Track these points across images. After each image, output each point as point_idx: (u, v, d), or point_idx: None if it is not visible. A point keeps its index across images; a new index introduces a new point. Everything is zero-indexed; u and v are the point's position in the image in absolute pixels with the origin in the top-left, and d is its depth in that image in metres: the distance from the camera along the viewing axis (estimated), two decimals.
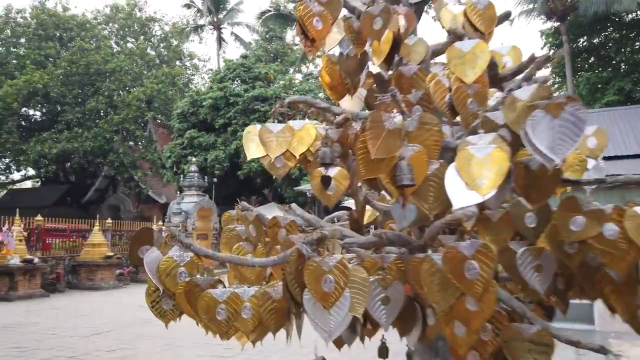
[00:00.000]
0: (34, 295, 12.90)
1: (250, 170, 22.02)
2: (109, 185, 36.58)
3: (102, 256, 15.30)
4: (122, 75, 34.09)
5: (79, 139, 31.18)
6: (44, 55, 33.61)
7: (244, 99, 22.67)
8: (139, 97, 31.91)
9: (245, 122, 22.62)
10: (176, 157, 23.45)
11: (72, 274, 15.37)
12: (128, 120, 32.09)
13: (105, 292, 14.46)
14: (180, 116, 24.41)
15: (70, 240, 16.31)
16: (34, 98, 31.29)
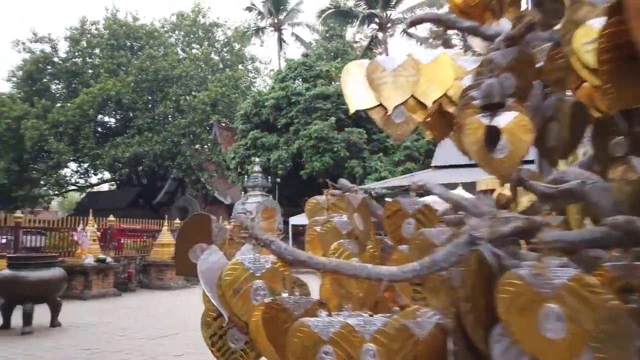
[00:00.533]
0: (107, 294, 13.08)
1: (313, 169, 21.60)
2: (177, 188, 37.67)
3: (171, 256, 15.36)
4: (188, 80, 34.95)
5: (149, 143, 32.23)
6: (117, 64, 35.09)
7: (305, 97, 22.29)
8: (204, 100, 32.54)
9: (307, 121, 22.25)
10: (240, 158, 23.49)
11: (142, 274, 15.56)
12: (194, 124, 32.82)
13: (174, 292, 14.48)
14: (244, 117, 24.45)
15: (141, 240, 16.58)
16: (107, 105, 32.71)
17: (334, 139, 21.43)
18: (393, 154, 22.16)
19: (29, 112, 32.07)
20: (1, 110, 31.44)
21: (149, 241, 16.32)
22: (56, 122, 31.62)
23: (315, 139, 21.35)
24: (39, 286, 8.26)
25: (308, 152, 21.68)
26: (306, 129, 21.79)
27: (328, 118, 21.76)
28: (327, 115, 22.05)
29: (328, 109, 22.06)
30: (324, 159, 21.35)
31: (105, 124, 37.40)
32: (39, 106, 32.43)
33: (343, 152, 21.33)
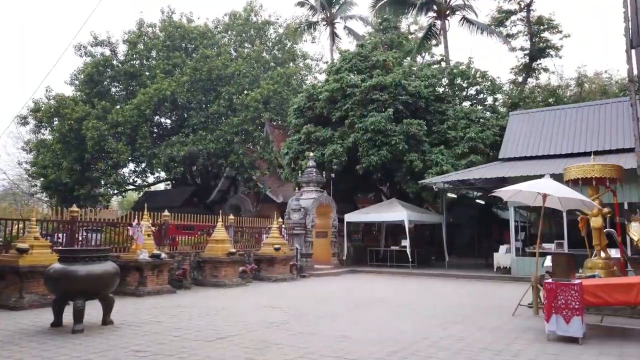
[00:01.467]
0: (162, 291, 12.54)
1: (369, 164, 20.48)
2: (230, 186, 37.56)
3: (225, 252, 14.73)
4: (241, 79, 34.72)
5: (203, 142, 32.19)
6: (172, 65, 35.37)
7: (361, 89, 21.20)
8: (256, 98, 32.14)
9: (363, 113, 21.16)
10: (294, 153, 22.71)
11: (197, 270, 15.01)
12: (247, 122, 32.47)
13: (228, 290, 13.80)
14: (297, 111, 23.67)
15: (195, 236, 16.06)
16: (163, 105, 32.93)
17: (392, 131, 20.21)
18: (455, 147, 20.67)
19: (89, 114, 32.80)
20: (64, 112, 32.31)
21: (204, 238, 15.76)
22: (115, 123, 32.18)
23: (371, 131, 20.22)
24: (90, 281, 7.64)
25: (364, 145, 20.58)
26: (362, 121, 20.70)
27: (385, 109, 20.57)
28: (384, 106, 20.87)
29: (385, 100, 20.87)
30: (381, 153, 20.18)
31: (161, 124, 37.81)
32: (99, 107, 33.14)
33: (401, 144, 20.08)
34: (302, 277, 17.92)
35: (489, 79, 23.45)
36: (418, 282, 16.75)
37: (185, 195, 40.26)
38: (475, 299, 12.16)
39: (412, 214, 20.23)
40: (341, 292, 13.50)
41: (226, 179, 37.27)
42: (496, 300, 11.75)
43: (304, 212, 19.40)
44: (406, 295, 12.88)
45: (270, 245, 16.77)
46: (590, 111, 19.43)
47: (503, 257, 18.11)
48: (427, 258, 23.62)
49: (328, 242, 20.76)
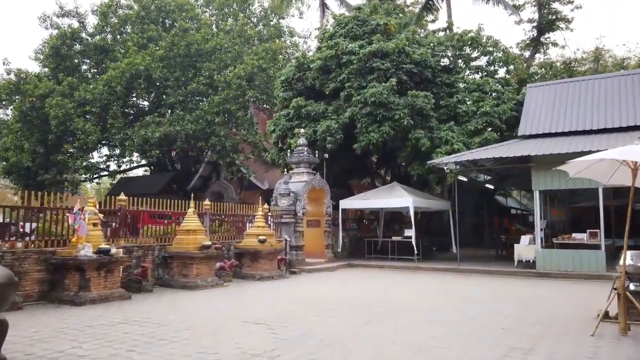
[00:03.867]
0: (112, 297, 9.45)
1: (368, 142, 17.48)
2: (212, 172, 34.33)
3: (198, 246, 11.67)
4: (222, 55, 31.34)
5: (180, 122, 28.80)
6: (147, 38, 31.82)
7: (359, 56, 18.13)
8: (239, 74, 28.84)
9: (361, 84, 18.11)
10: (282, 131, 19.58)
11: (163, 268, 11.93)
12: (228, 101, 29.16)
13: (200, 293, 10.76)
14: (285, 84, 20.50)
15: (163, 225, 12.93)
16: (136, 81, 29.42)
17: (395, 104, 17.23)
18: (467, 123, 17.78)
19: (54, 90, 29.20)
20: (25, 87, 28.65)
21: (173, 227, 12.65)
22: (83, 101, 28.58)
23: (371, 104, 17.21)
24: None
25: (363, 121, 17.57)
26: (360, 93, 17.66)
27: (387, 80, 17.55)
28: (385, 76, 17.83)
29: (387, 69, 17.83)
30: (382, 129, 17.19)
31: (135, 103, 34.21)
32: (65, 84, 29.55)
33: (406, 120, 17.11)
34: (291, 274, 14.96)
35: (501, 49, 20.56)
36: (430, 280, 13.90)
37: (164, 182, 36.86)
38: (517, 304, 9.33)
39: (417, 199, 17.36)
40: (342, 295, 10.57)
41: (208, 164, 34.01)
42: (547, 307, 8.93)
43: (294, 197, 16.38)
44: (425, 299, 9.99)
45: (254, 237, 13.75)
46: (622, 82, 16.69)
47: (526, 249, 15.37)
48: (430, 250, 20.82)
49: (321, 233, 17.81)
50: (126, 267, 10.89)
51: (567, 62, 25.77)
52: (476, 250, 24.07)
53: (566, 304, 9.53)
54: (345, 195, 20.46)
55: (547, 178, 15.01)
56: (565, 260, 14.47)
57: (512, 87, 19.27)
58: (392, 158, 20.18)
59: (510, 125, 18.68)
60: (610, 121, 15.57)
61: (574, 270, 14.22)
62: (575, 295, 10.82)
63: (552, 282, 13.16)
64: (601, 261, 13.94)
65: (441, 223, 27.16)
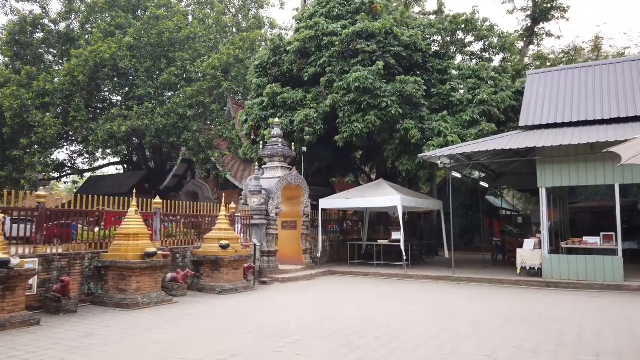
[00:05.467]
0: (10, 324, 7.02)
1: (352, 133, 15.25)
2: (187, 171, 31.85)
3: (139, 253, 9.29)
4: (196, 44, 28.90)
5: (150, 116, 26.33)
6: (115, 26, 29.20)
7: (341, 37, 15.91)
8: (213, 65, 26.45)
9: (344, 68, 15.87)
10: (254, 121, 17.20)
11: (96, 281, 9.50)
12: (202, 93, 26.77)
13: (138, 315, 8.37)
14: (259, 69, 18.13)
15: (101, 228, 10.47)
16: (102, 71, 26.79)
17: (382, 90, 15.03)
18: (462, 112, 15.65)
19: (9, 80, 26.46)
20: None
21: (114, 230, 10.21)
22: (42, 92, 25.91)
23: (355, 91, 14.98)
24: None
25: (345, 109, 15.32)
26: (343, 78, 15.42)
27: (373, 63, 15.36)
28: (371, 60, 15.64)
29: (372, 52, 15.63)
30: (367, 119, 14.97)
31: (101, 95, 31.47)
32: (23, 73, 26.81)
33: (394, 108, 14.92)
34: (261, 284, 12.63)
35: (497, 34, 18.53)
36: (423, 292, 11.69)
37: (135, 181, 34.26)
38: (545, 330, 7.15)
39: (406, 198, 15.16)
40: (317, 316, 8.28)
41: (182, 162, 31.54)
42: (589, 337, 6.78)
43: (266, 195, 14.05)
44: (422, 323, 7.73)
45: (215, 241, 11.38)
46: (634, 67, 14.74)
47: (530, 254, 13.26)
48: (420, 255, 18.66)
49: (298, 236, 15.51)
50: (43, 282, 8.47)
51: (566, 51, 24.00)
52: (467, 254, 22.03)
53: (606, 329, 7.39)
54: (327, 194, 18.22)
55: (555, 173, 12.95)
56: (576, 268, 12.40)
57: (510, 74, 17.23)
58: (378, 153, 18.00)
59: (509, 116, 16.65)
60: (624, 110, 13.58)
61: (587, 280, 12.16)
62: (604, 314, 8.70)
63: (565, 295, 11.06)
64: (618, 269, 11.89)
65: (430, 225, 25.09)
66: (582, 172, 12.64)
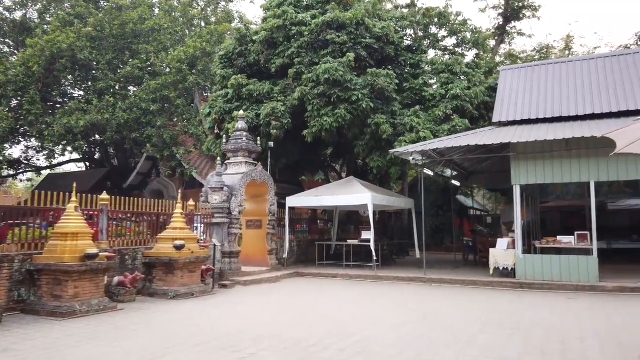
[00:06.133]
0: None
1: (321, 128, 14.44)
2: (152, 169, 30.36)
3: (79, 255, 8.21)
4: (161, 36, 27.56)
5: (110, 110, 24.90)
6: (74, 15, 27.57)
7: (311, 28, 15.09)
8: (179, 58, 25.23)
9: (314, 60, 15.05)
10: (218, 114, 16.17)
11: (27, 287, 8.35)
12: (167, 87, 25.48)
13: (72, 324, 7.31)
14: (224, 59, 17.10)
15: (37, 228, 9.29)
16: (59, 62, 25.17)
17: (353, 83, 14.27)
18: (435, 108, 15.05)
19: None
20: None
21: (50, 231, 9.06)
22: None
23: (324, 83, 14.16)
24: None
25: (314, 103, 14.49)
26: (312, 70, 14.59)
27: (343, 55, 14.58)
28: (341, 51, 14.86)
29: (343, 43, 14.86)
30: (337, 113, 14.18)
31: (61, 88, 29.73)
32: None
33: (365, 102, 14.18)
34: (222, 288, 11.66)
35: (470, 29, 18.05)
36: (394, 294, 10.95)
37: (97, 178, 32.55)
38: (525, 338, 6.48)
39: (377, 196, 14.43)
40: (277, 324, 7.40)
41: (147, 159, 30.10)
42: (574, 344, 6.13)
43: (228, 192, 13.07)
44: (394, 330, 6.95)
45: (169, 241, 10.35)
46: (607, 63, 14.46)
47: (504, 255, 12.71)
48: (390, 255, 17.98)
49: (263, 235, 14.58)
50: None
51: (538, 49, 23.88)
52: (438, 254, 21.53)
53: (589, 335, 6.78)
54: (295, 192, 17.33)
55: (530, 170, 12.45)
56: (550, 268, 11.91)
57: (483, 70, 16.76)
58: (348, 149, 17.23)
59: (482, 113, 16.16)
60: (598, 106, 13.22)
61: (561, 280, 11.68)
62: (584, 318, 8.14)
63: (541, 296, 10.51)
64: (593, 269, 11.45)
65: (401, 224, 24.52)
66: (557, 169, 12.17)
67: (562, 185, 18.37)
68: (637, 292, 10.68)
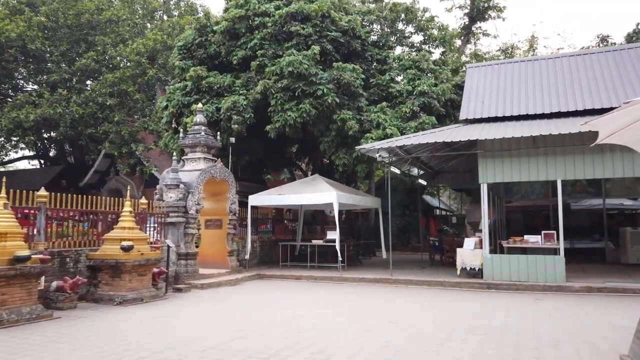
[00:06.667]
0: None
1: (285, 123, 13.76)
2: (110, 166, 28.87)
3: (7, 257, 7.24)
4: (120, 27, 26.25)
5: (63, 104, 23.46)
6: (25, 3, 25.89)
7: (274, 19, 14.39)
8: (138, 50, 24.04)
9: (277, 52, 14.36)
10: (176, 107, 15.24)
11: None
12: (125, 80, 24.25)
13: (2, 336, 6.38)
14: (183, 50, 16.17)
15: None
16: (7, 52, 23.52)
17: (318, 77, 13.67)
18: (402, 104, 14.62)
19: None
20: None
21: None
22: None
23: (289, 76, 13.50)
24: None
25: (278, 97, 13.80)
26: (275, 63, 13.90)
27: (308, 48, 13.96)
28: (306, 44, 14.23)
29: (308, 36, 14.24)
30: (302, 108, 13.54)
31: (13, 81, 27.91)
32: None
33: (331, 97, 13.60)
34: (176, 292, 10.80)
35: (437, 26, 17.77)
36: (359, 296, 10.39)
37: (50, 176, 30.75)
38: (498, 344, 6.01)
39: (342, 194, 13.86)
40: (238, 333, 6.68)
41: (105, 157, 28.60)
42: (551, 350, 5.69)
43: (185, 189, 12.21)
44: (358, 337, 6.36)
45: (116, 242, 9.44)
46: (572, 62, 14.40)
47: (471, 255, 12.37)
48: (356, 255, 17.47)
49: (223, 236, 13.78)
50: None
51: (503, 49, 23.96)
52: (404, 254, 21.21)
53: (562, 339, 6.38)
54: (259, 191, 16.58)
55: (497, 168, 12.15)
56: (518, 269, 11.64)
57: (450, 67, 16.48)
58: (314, 146, 16.60)
59: (449, 111, 15.86)
60: (564, 104, 13.09)
61: (528, 280, 11.42)
62: (555, 321, 7.78)
63: (509, 297, 10.18)
64: (560, 269, 11.23)
65: (368, 224, 24.10)
66: (524, 167, 11.92)
67: (527, 185, 18.35)
68: (603, 292, 10.51)
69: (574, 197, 17.89)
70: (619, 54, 13.79)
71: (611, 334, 6.64)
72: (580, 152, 11.33)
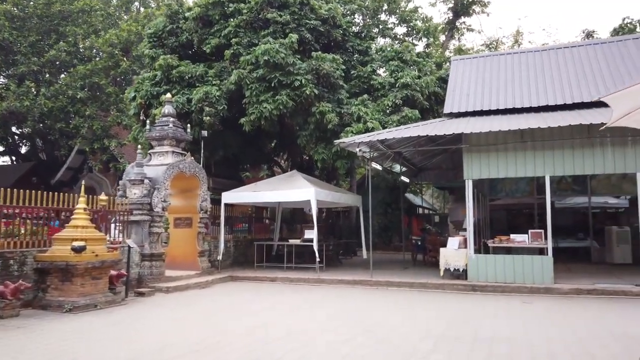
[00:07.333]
0: None
1: (260, 116, 12.90)
2: (83, 163, 27.62)
3: None
4: (92, 18, 25.06)
5: (31, 97, 22.25)
6: None
7: (250, 5, 13.51)
8: (110, 41, 22.92)
9: (253, 40, 13.48)
10: (144, 98, 14.24)
11: None
12: (98, 73, 23.12)
13: None
14: (153, 38, 15.18)
15: None
16: None
17: (296, 67, 12.84)
18: (384, 97, 13.88)
19: None
20: None
21: None
22: None
23: (265, 66, 12.64)
24: None
25: (253, 87, 12.93)
26: (251, 52, 13.03)
27: (286, 36, 13.12)
28: (283, 32, 13.39)
29: (286, 23, 13.39)
30: (278, 99, 12.69)
31: None
32: None
33: (309, 88, 12.78)
34: (138, 296, 9.87)
35: (421, 17, 17.10)
36: (336, 300, 9.59)
37: (20, 173, 29.32)
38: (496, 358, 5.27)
39: (321, 192, 13.06)
40: (199, 344, 5.82)
41: (78, 153, 27.33)
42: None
43: (150, 185, 11.27)
44: (331, 349, 5.57)
45: (67, 242, 8.47)
46: (560, 55, 13.83)
47: (455, 254, 11.67)
48: (336, 256, 16.68)
49: (193, 235, 12.85)
50: None
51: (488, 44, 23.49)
52: (386, 254, 20.50)
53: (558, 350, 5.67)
54: (233, 186, 15.68)
55: (483, 164, 11.47)
56: (504, 269, 10.98)
57: (434, 60, 15.81)
58: (292, 141, 15.76)
59: (433, 106, 15.19)
60: (552, 98, 12.50)
61: (515, 282, 10.76)
62: (548, 327, 7.09)
63: (495, 300, 9.50)
64: (548, 270, 10.60)
65: (349, 223, 23.35)
66: (511, 163, 11.27)
67: (512, 183, 17.80)
68: (593, 295, 9.90)
69: (559, 195, 17.39)
70: (607, 47, 13.26)
71: (610, 341, 5.97)
72: (569, 147, 10.72)
